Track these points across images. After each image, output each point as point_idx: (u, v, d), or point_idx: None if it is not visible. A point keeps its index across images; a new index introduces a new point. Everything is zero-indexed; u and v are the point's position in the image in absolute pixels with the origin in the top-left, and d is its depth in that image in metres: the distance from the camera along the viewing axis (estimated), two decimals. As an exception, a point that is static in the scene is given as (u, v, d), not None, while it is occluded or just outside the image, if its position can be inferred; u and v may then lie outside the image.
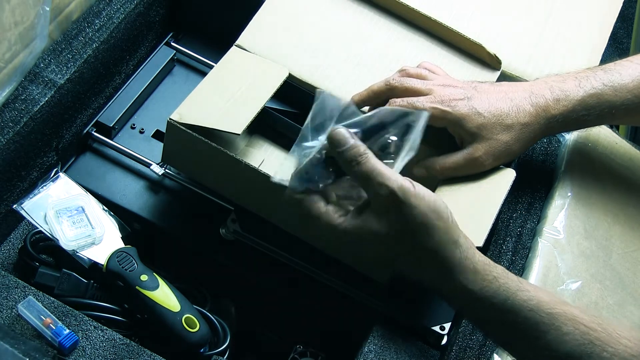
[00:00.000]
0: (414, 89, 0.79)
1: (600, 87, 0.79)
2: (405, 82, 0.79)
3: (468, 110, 0.77)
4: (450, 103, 0.77)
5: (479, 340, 0.75)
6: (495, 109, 0.78)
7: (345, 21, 0.89)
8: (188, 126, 0.75)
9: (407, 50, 0.87)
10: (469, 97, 0.78)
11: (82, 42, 0.86)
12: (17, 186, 0.82)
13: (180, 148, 0.78)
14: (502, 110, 0.78)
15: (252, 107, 0.78)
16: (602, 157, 0.89)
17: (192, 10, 1.02)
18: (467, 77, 0.84)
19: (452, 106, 0.77)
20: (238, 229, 0.80)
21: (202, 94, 0.78)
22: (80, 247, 0.77)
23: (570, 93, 0.79)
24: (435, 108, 0.77)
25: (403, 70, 0.82)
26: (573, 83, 0.79)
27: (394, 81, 0.80)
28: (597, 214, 0.84)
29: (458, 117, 0.77)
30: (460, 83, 0.80)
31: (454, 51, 0.88)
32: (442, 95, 0.78)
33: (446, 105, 0.77)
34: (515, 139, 0.78)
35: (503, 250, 0.82)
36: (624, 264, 0.81)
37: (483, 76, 0.86)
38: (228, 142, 0.80)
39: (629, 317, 0.77)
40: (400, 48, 0.87)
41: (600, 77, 0.80)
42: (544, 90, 0.79)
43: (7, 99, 0.80)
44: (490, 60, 0.87)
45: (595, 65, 0.88)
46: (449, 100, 0.77)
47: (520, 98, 0.78)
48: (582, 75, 0.80)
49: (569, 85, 0.79)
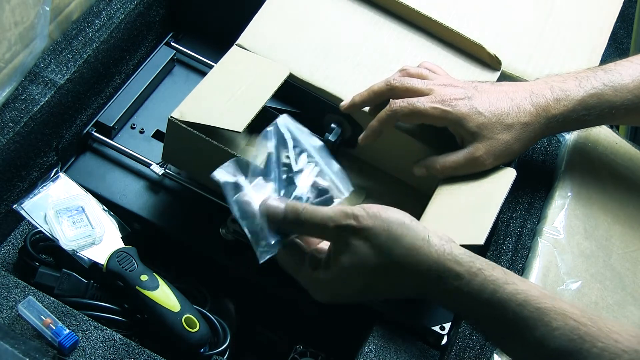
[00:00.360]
0: (414, 88, 0.79)
1: (601, 87, 0.79)
2: (405, 82, 0.79)
3: (469, 109, 0.77)
4: (450, 102, 0.77)
5: (479, 340, 0.75)
6: (495, 108, 0.78)
7: (346, 21, 0.89)
8: (189, 124, 0.75)
9: (407, 50, 0.87)
10: (469, 96, 0.78)
11: (82, 42, 0.86)
12: (17, 186, 0.82)
13: (180, 146, 0.78)
14: (503, 109, 0.78)
15: (253, 105, 0.78)
16: (602, 157, 0.89)
17: (192, 10, 1.02)
18: (467, 77, 0.84)
19: (453, 105, 0.77)
20: (238, 229, 0.80)
21: (203, 92, 0.78)
22: (80, 247, 0.77)
23: (570, 93, 0.79)
24: (435, 108, 0.77)
25: (404, 70, 0.82)
26: (573, 83, 0.79)
27: (394, 81, 0.80)
28: (597, 213, 0.84)
29: (459, 117, 0.77)
30: (461, 83, 0.80)
31: (454, 51, 0.88)
32: (443, 95, 0.78)
33: (447, 104, 0.77)
34: (515, 138, 0.78)
35: (503, 250, 0.82)
36: (624, 264, 0.81)
37: (483, 76, 0.86)
38: (228, 141, 0.80)
39: (629, 317, 0.77)
40: (401, 48, 0.87)
41: (600, 77, 0.80)
42: (545, 90, 0.79)
43: (7, 99, 0.80)
44: (490, 60, 0.87)
45: (596, 65, 0.88)
46: (450, 100, 0.77)
47: (520, 98, 0.78)
48: (583, 75, 0.80)
49: (570, 85, 0.79)
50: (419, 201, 0.84)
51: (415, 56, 0.87)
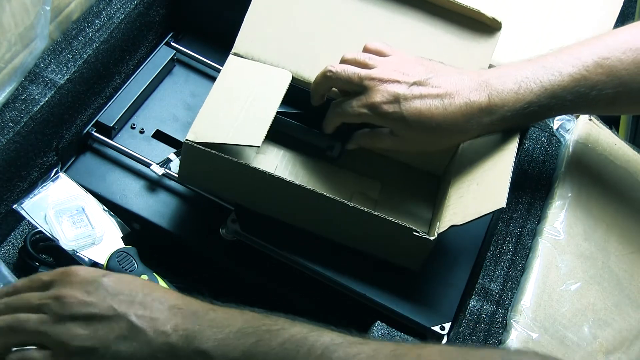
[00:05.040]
0: (349, 81, 0.78)
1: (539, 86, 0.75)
2: (340, 73, 0.78)
3: (397, 116, 0.76)
4: (379, 108, 0.76)
5: (479, 341, 0.75)
6: (426, 118, 0.75)
7: (335, 12, 0.86)
8: (205, 145, 0.74)
9: (401, 32, 0.85)
10: (404, 97, 0.75)
11: (82, 42, 0.86)
12: (17, 186, 0.82)
13: (197, 166, 0.78)
14: (432, 124, 0.75)
15: (265, 116, 0.77)
16: (602, 158, 0.89)
17: (192, 10, 1.02)
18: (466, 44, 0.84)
19: (380, 113, 0.76)
20: (238, 229, 0.80)
21: (211, 109, 0.78)
22: (80, 247, 0.77)
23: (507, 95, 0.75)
24: (361, 114, 0.77)
25: (342, 57, 0.80)
26: (512, 87, 0.76)
27: (329, 73, 0.79)
28: (596, 215, 0.84)
29: (385, 123, 0.77)
30: (410, 67, 0.77)
31: (453, 25, 0.85)
32: (374, 97, 0.76)
33: (375, 110, 0.76)
34: (438, 141, 0.78)
35: (503, 250, 0.82)
36: (622, 266, 0.81)
37: (484, 40, 0.85)
38: (238, 153, 0.80)
39: (626, 319, 0.77)
40: (393, 31, 0.85)
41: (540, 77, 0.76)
42: (482, 96, 0.75)
43: (7, 99, 0.80)
44: (490, 22, 0.84)
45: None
46: (379, 105, 0.76)
47: (455, 106, 0.75)
48: (522, 78, 0.76)
49: (509, 86, 0.76)
50: (433, 185, 0.85)
51: (409, 37, 0.85)
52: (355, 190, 0.86)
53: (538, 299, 0.76)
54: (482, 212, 0.71)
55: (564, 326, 0.75)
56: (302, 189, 0.74)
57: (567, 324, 0.75)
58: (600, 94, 0.75)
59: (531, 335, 0.74)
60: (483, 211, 0.71)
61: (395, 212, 0.85)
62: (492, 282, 0.78)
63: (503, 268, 0.80)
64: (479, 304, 0.77)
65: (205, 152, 0.74)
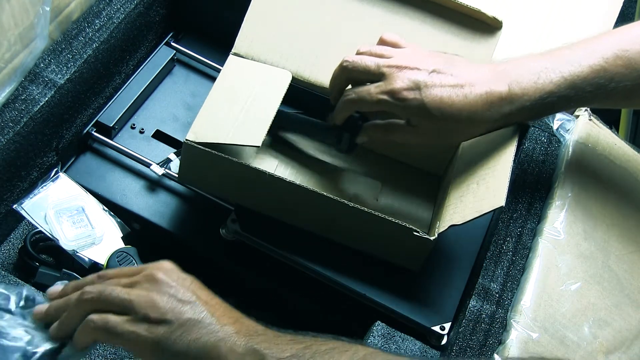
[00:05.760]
0: (366, 70, 0.76)
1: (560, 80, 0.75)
2: (357, 63, 0.77)
3: (416, 105, 0.74)
4: (400, 95, 0.74)
5: (479, 340, 0.75)
6: (447, 106, 0.74)
7: (334, 11, 0.86)
8: (205, 145, 0.74)
9: (401, 29, 0.85)
10: (425, 84, 0.74)
11: (82, 42, 0.86)
12: (17, 186, 0.82)
13: (197, 166, 0.78)
14: (452, 112, 0.74)
15: (265, 116, 0.77)
16: (602, 157, 0.88)
17: (192, 10, 1.02)
18: (467, 43, 0.83)
19: (401, 100, 0.74)
20: (238, 229, 0.80)
21: (211, 109, 0.78)
22: (80, 247, 0.77)
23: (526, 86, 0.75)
24: (381, 101, 0.75)
25: (357, 50, 0.79)
26: (530, 78, 0.75)
27: (346, 63, 0.78)
28: (596, 215, 0.84)
29: (403, 111, 0.75)
30: (425, 58, 0.76)
31: (454, 25, 0.85)
32: (394, 84, 0.74)
33: (395, 97, 0.74)
34: (462, 131, 0.77)
35: (503, 250, 0.82)
36: (622, 266, 0.81)
37: (484, 40, 0.85)
38: (238, 153, 0.80)
39: (626, 318, 0.77)
40: (394, 31, 0.85)
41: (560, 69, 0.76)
42: (503, 85, 0.75)
43: (7, 99, 0.80)
44: (491, 21, 0.84)
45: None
46: (400, 92, 0.74)
47: (475, 94, 0.74)
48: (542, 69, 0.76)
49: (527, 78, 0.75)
50: (433, 185, 0.85)
51: (409, 37, 0.83)
52: (356, 190, 0.86)
53: (538, 298, 0.76)
54: (482, 211, 0.71)
55: (564, 326, 0.75)
56: (302, 189, 0.74)
57: (567, 323, 0.75)
58: (619, 86, 0.75)
59: (531, 335, 0.74)
60: (482, 210, 0.71)
61: (395, 212, 0.85)
62: (492, 282, 0.78)
63: (503, 268, 0.80)
64: (479, 304, 0.77)
65: (205, 152, 0.74)
